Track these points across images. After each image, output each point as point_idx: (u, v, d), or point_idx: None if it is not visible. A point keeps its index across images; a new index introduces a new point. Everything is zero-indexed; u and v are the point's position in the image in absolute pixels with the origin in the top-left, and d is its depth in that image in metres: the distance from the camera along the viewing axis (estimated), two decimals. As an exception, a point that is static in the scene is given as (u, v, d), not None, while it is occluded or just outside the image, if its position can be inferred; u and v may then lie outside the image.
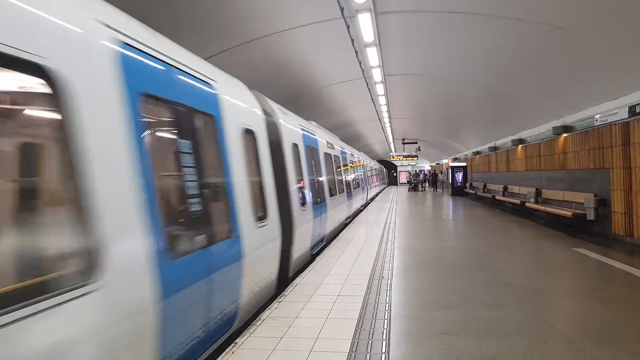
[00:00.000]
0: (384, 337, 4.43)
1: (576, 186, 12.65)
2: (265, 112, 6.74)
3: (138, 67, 3.35)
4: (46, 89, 2.38)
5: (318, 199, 9.76)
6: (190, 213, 3.86)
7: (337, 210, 12.10)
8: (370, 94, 16.17)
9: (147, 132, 3.42)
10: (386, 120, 23.74)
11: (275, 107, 7.60)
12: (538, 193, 15.54)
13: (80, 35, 2.72)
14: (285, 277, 6.89)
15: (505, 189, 20.27)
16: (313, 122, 12.16)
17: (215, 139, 4.60)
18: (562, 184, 13.67)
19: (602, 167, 11.09)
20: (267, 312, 5.21)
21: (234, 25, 8.51)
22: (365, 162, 24.64)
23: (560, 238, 10.99)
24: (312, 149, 9.95)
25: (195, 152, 4.05)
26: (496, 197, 21.03)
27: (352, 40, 9.73)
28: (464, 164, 30.84)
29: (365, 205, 22.36)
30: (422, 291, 6.32)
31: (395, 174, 60.76)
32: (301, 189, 8.27)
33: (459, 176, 30.73)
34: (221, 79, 5.14)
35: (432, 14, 8.84)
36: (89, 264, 2.49)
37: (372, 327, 4.71)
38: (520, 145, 17.83)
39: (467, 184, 29.70)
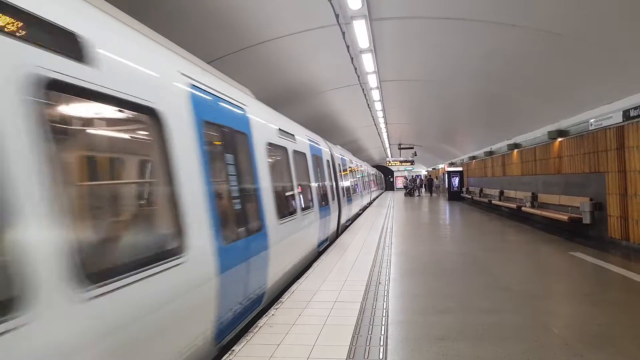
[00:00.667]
0: (382, 343, 4.42)
1: (572, 190, 12.70)
2: (330, 148, 13.74)
3: (313, 147, 10.42)
4: (286, 153, 7.91)
5: (348, 195, 16.44)
6: (322, 195, 10.52)
7: (355, 203, 19.00)
8: (366, 100, 16.20)
9: (316, 168, 10.40)
10: (382, 125, 23.79)
11: (330, 144, 14.63)
12: (534, 197, 15.58)
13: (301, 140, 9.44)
14: (338, 233, 13.25)
15: (501, 193, 20.31)
16: (338, 146, 18.27)
17: (321, 167, 11.19)
18: (558, 188, 13.72)
19: (598, 171, 11.14)
20: (264, 319, 5.20)
21: (230, 32, 8.53)
22: (369, 171, 31.05)
23: (557, 242, 11.02)
24: (344, 165, 16.72)
25: (319, 173, 10.72)
26: (492, 201, 21.08)
27: (348, 47, 9.76)
28: (460, 168, 30.90)
29: (370, 203, 28.32)
30: (420, 296, 6.31)
31: (391, 179, 60.83)
32: (342, 188, 14.73)
33: (455, 181, 30.79)
34: (320, 139, 12.19)
35: (426, 19, 8.88)
36: (296, 210, 7.84)
37: (370, 333, 4.71)
38: (515, 150, 17.90)
39: (464, 189, 29.75)
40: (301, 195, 8.53)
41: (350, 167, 18.67)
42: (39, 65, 2.37)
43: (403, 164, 38.14)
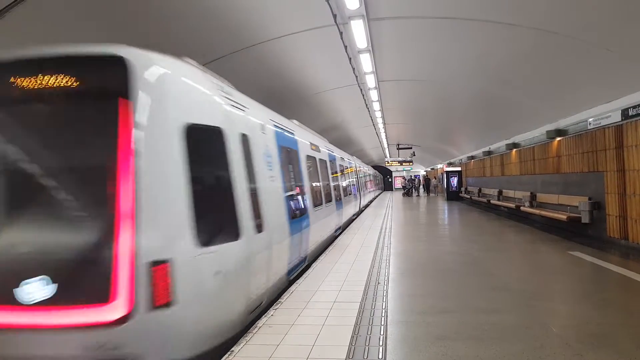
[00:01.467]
0: (381, 343, 4.41)
1: (571, 189, 12.70)
2: (355, 161, 23.21)
3: (350, 162, 19.97)
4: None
5: (363, 190, 24.24)
6: (354, 189, 19.74)
7: (368, 196, 28.61)
8: (365, 100, 16.21)
9: (352, 175, 19.87)
10: (380, 126, 23.82)
11: (355, 158, 25.06)
12: (533, 197, 15.59)
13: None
14: (358, 213, 20.52)
15: (500, 193, 20.32)
16: (355, 157, 27.16)
17: (352, 174, 19.90)
18: (557, 187, 13.72)
19: (596, 170, 11.14)
20: (263, 320, 5.18)
21: (226, 33, 8.52)
22: (371, 173, 38.14)
23: (556, 241, 11.02)
24: (361, 172, 24.97)
25: (353, 178, 20.29)
26: (491, 201, 21.09)
27: (346, 47, 9.75)
28: (458, 168, 30.91)
29: (374, 198, 36.42)
30: (419, 296, 6.31)
31: (390, 180, 60.89)
32: (360, 185, 22.44)
33: (454, 181, 30.80)
34: (352, 157, 23.35)
35: (424, 19, 8.88)
36: (350, 193, 17.87)
37: (369, 333, 4.70)
38: (514, 150, 17.91)
39: (462, 189, 29.76)
40: (348, 188, 17.12)
41: (363, 172, 27.83)
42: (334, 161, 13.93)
43: (402, 164, 38.12)
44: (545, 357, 4.04)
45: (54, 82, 3.94)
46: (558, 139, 13.31)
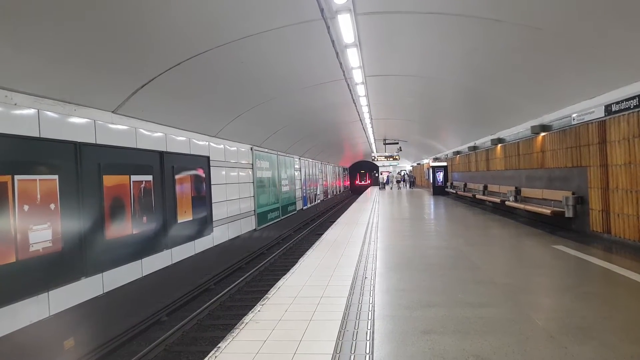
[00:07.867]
0: (368, 338, 4.42)
1: (555, 184, 12.85)
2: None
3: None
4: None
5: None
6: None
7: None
8: (352, 95, 16.18)
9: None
10: (367, 121, 23.80)
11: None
12: (517, 191, 15.75)
13: None
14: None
15: (485, 188, 20.50)
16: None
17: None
18: (541, 182, 13.88)
19: (580, 165, 11.28)
20: (250, 315, 5.16)
21: (206, 27, 8.41)
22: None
23: (540, 236, 11.15)
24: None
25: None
26: (476, 196, 21.27)
27: (333, 42, 9.71)
28: (444, 163, 31.13)
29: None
30: (405, 291, 6.33)
31: (377, 175, 61.38)
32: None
33: (440, 176, 31.02)
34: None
35: (410, 14, 8.87)
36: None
37: (356, 327, 4.71)
38: (499, 145, 18.06)
39: (448, 184, 29.98)
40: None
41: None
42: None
43: (388, 159, 38.25)
44: (530, 350, 4.09)
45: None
46: (542, 134, 13.45)
